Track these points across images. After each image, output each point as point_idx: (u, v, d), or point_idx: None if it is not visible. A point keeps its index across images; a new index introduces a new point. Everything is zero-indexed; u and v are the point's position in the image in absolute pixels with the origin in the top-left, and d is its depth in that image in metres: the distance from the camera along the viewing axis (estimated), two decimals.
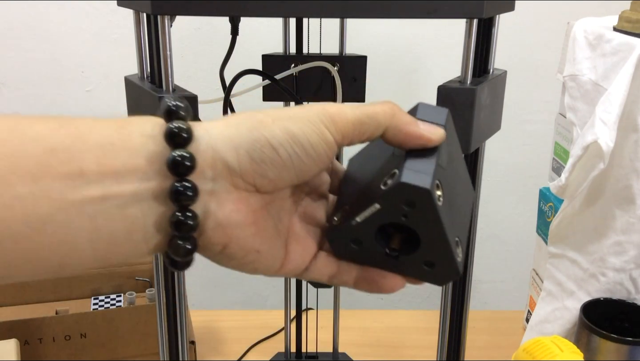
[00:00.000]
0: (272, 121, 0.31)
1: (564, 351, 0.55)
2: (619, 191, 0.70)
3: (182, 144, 0.30)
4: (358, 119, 0.33)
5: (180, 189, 0.29)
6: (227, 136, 0.31)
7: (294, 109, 0.33)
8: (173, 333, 0.61)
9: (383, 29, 1.12)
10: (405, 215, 0.32)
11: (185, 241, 0.31)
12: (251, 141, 0.31)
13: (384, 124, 0.33)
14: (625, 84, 0.65)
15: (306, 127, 0.32)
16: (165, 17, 0.50)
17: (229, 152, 0.31)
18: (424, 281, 0.35)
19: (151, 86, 0.54)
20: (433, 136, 0.33)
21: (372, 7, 0.49)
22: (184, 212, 0.30)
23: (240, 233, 0.32)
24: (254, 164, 0.31)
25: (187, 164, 0.29)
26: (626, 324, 0.72)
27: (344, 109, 0.33)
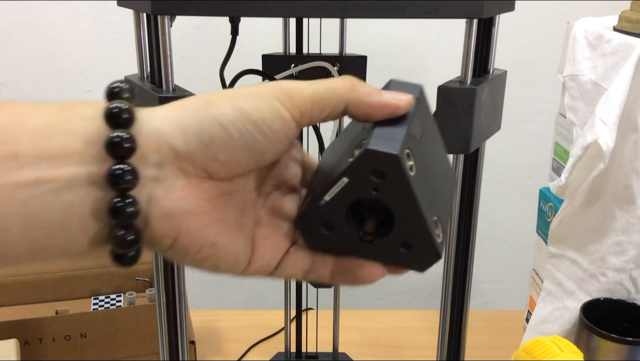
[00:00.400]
0: (221, 100, 0.29)
1: (564, 351, 0.55)
2: (619, 191, 0.70)
3: (122, 125, 0.28)
4: (316, 94, 0.31)
5: (118, 172, 0.27)
6: (174, 118, 0.29)
7: (247, 87, 0.31)
8: (173, 333, 0.61)
9: (383, 29, 1.12)
10: (376, 188, 0.30)
11: (126, 231, 0.28)
12: (199, 121, 0.29)
13: (344, 97, 0.31)
14: (625, 84, 0.65)
15: (259, 103, 0.29)
16: (165, 17, 0.50)
17: (176, 134, 0.28)
18: (404, 267, 0.33)
19: (151, 86, 0.54)
20: (400, 102, 0.31)
21: (372, 7, 0.49)
22: (123, 198, 0.27)
23: (191, 223, 0.29)
24: (203, 146, 0.29)
25: (126, 146, 0.27)
26: (626, 324, 0.72)
27: (300, 85, 0.31)
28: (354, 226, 0.32)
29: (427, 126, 0.34)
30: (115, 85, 0.29)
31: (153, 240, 0.29)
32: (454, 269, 0.61)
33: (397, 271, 0.33)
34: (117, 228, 0.28)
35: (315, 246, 0.33)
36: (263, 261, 0.33)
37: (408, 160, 0.29)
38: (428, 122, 0.34)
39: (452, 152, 0.54)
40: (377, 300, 1.30)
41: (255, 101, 0.29)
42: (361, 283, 0.33)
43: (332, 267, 0.33)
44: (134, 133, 0.28)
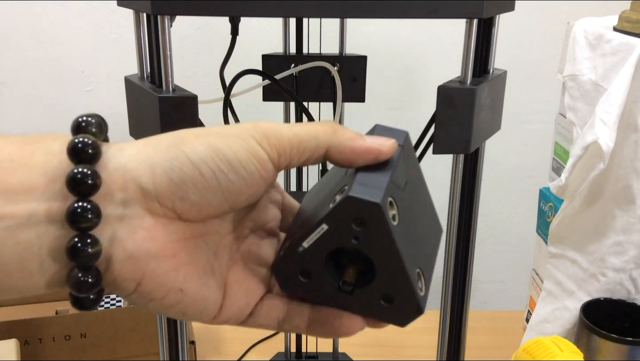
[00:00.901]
0: (194, 137, 0.28)
1: (564, 351, 0.55)
2: (619, 191, 0.70)
3: (86, 160, 0.26)
4: (295, 135, 0.29)
5: (79, 210, 0.25)
6: (143, 155, 0.27)
7: (223, 126, 0.29)
8: (173, 333, 0.61)
9: (383, 29, 1.12)
10: (357, 237, 0.28)
11: (85, 273, 0.26)
12: (169, 159, 0.27)
13: (324, 141, 0.30)
14: (625, 84, 0.65)
15: (233, 142, 0.28)
16: (165, 17, 0.49)
17: (143, 172, 0.27)
18: (385, 321, 0.31)
19: (151, 86, 0.54)
20: (383, 147, 0.30)
21: (372, 7, 0.49)
22: (83, 237, 0.26)
23: (157, 266, 0.27)
24: (173, 185, 0.27)
25: (88, 182, 0.25)
26: (626, 324, 0.72)
27: (279, 126, 0.29)
28: (333, 274, 0.30)
29: (412, 174, 0.33)
30: (82, 118, 0.27)
31: (115, 283, 0.27)
32: (454, 269, 0.61)
33: (377, 325, 0.32)
34: (75, 270, 0.26)
35: (292, 294, 0.32)
36: (235, 308, 0.31)
37: (391, 209, 0.28)
38: (413, 169, 0.33)
39: (452, 152, 0.54)
40: None
41: (230, 139, 0.28)
42: (339, 335, 0.31)
43: (309, 317, 0.32)
44: (98, 169, 0.26)
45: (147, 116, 0.53)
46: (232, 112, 0.67)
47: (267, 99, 0.76)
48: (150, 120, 0.52)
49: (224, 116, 0.63)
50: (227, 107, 0.64)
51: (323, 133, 0.30)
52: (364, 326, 0.31)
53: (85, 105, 1.14)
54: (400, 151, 0.31)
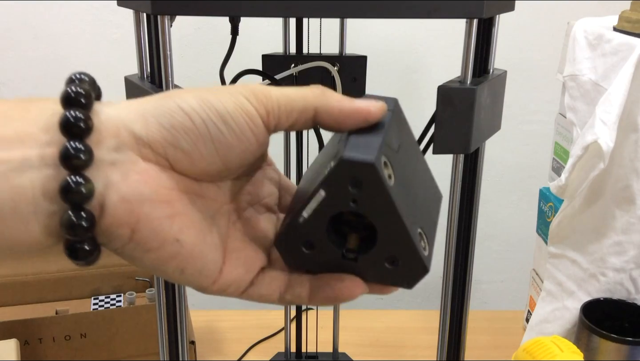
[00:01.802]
0: (185, 92, 0.29)
1: (564, 351, 0.55)
2: (619, 191, 0.70)
3: (79, 107, 0.27)
4: (284, 95, 0.30)
5: (71, 150, 0.26)
6: (134, 105, 0.28)
7: (213, 86, 0.30)
8: (173, 333, 0.61)
9: (383, 29, 1.12)
10: (355, 200, 0.28)
11: (78, 214, 0.26)
12: (160, 106, 0.28)
13: (312, 102, 0.30)
14: (625, 84, 0.65)
15: (223, 96, 0.29)
16: (165, 17, 0.50)
17: (135, 119, 0.28)
18: (391, 284, 0.31)
19: (151, 86, 0.54)
20: (371, 108, 0.30)
21: (372, 7, 0.49)
22: (76, 176, 0.26)
23: (150, 211, 0.27)
24: (164, 130, 0.28)
25: (81, 125, 0.26)
26: (626, 324, 0.72)
27: (268, 87, 0.30)
28: (336, 243, 0.30)
29: (405, 139, 0.32)
30: (75, 74, 0.28)
31: (110, 231, 0.27)
32: (454, 269, 0.61)
33: (383, 291, 0.32)
34: (69, 212, 0.26)
35: (297, 267, 0.32)
36: (235, 274, 0.31)
37: (385, 169, 0.28)
38: (406, 135, 0.33)
39: (452, 152, 0.54)
40: (377, 300, 1.30)
41: (220, 94, 0.29)
42: (341, 299, 0.31)
43: (310, 285, 0.32)
44: (90, 115, 0.27)
45: None
46: None
47: None
48: None
49: None
50: None
51: (312, 95, 0.30)
52: (366, 289, 0.31)
53: None
54: (391, 115, 0.31)
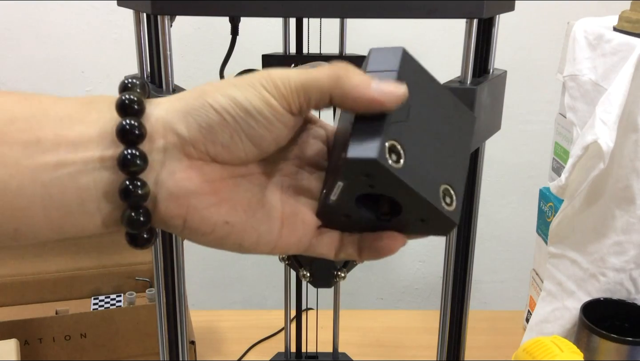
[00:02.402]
0: (215, 89, 0.31)
1: (564, 351, 0.55)
2: (619, 191, 0.70)
3: (132, 114, 0.30)
4: (301, 84, 0.31)
5: (128, 157, 0.29)
6: (177, 107, 0.31)
7: (239, 77, 0.32)
8: (173, 333, 0.61)
9: (383, 29, 1.12)
10: (371, 185, 0.31)
11: (137, 212, 0.30)
12: (197, 108, 0.31)
13: (327, 88, 0.31)
14: (625, 84, 0.65)
15: (248, 92, 0.31)
16: (165, 17, 0.50)
17: (179, 121, 0.31)
18: (426, 235, 0.34)
19: (151, 86, 0.54)
20: (386, 98, 0.30)
21: (372, 7, 0.49)
22: (133, 180, 0.30)
23: (197, 202, 0.31)
24: (203, 130, 0.31)
25: (135, 133, 0.30)
26: (626, 324, 0.72)
27: (288, 74, 0.31)
28: (370, 209, 0.33)
29: (418, 91, 0.32)
30: (128, 80, 0.31)
31: (164, 221, 0.31)
32: (454, 269, 0.61)
33: (420, 236, 0.35)
34: (128, 210, 0.30)
35: (343, 230, 0.35)
36: (294, 237, 0.34)
37: (392, 155, 0.30)
38: (419, 84, 0.33)
39: None
40: (377, 300, 1.30)
41: (245, 90, 0.31)
42: (384, 254, 0.34)
43: (358, 244, 0.35)
44: (143, 121, 0.30)
45: None
46: None
47: None
48: None
49: None
50: None
51: (326, 80, 0.31)
52: (404, 242, 0.34)
53: None
54: (396, 75, 0.32)
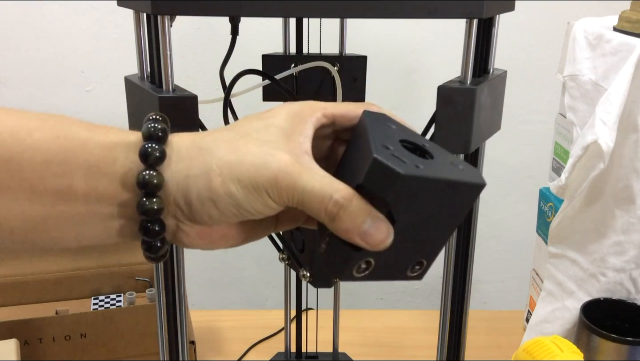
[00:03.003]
0: (221, 180, 0.33)
1: (564, 351, 0.55)
2: (619, 191, 0.70)
3: (151, 191, 0.33)
4: (302, 201, 0.33)
5: (147, 228, 0.34)
6: (184, 172, 0.34)
7: (253, 156, 0.33)
8: (173, 333, 0.61)
9: (383, 29, 1.12)
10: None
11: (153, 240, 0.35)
12: (197, 193, 0.33)
13: (321, 218, 0.33)
14: (625, 84, 0.65)
15: (251, 195, 0.33)
16: (165, 17, 0.50)
17: (185, 189, 0.34)
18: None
19: (151, 86, 0.54)
20: (372, 246, 0.32)
21: (372, 7, 0.49)
22: (152, 242, 0.35)
23: (210, 245, 0.37)
24: (200, 206, 0.34)
25: (155, 208, 0.33)
26: (626, 324, 0.72)
27: (298, 181, 0.32)
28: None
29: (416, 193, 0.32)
30: (146, 149, 0.33)
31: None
32: (454, 269, 0.61)
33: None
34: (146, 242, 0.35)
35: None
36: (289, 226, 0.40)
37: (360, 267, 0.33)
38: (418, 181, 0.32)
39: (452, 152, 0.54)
40: (377, 300, 1.30)
41: (248, 192, 0.33)
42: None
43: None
44: (162, 196, 0.34)
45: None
46: (232, 112, 0.67)
47: (267, 99, 0.76)
48: None
49: (224, 116, 0.63)
50: (227, 107, 0.64)
51: (324, 214, 0.33)
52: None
53: (85, 105, 1.14)
54: (389, 210, 0.33)
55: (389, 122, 0.37)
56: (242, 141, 0.34)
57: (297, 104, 0.36)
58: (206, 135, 0.35)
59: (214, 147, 0.34)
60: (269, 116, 0.36)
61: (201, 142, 0.34)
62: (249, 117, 0.36)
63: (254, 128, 0.35)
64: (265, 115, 0.36)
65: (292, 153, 0.33)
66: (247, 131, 0.34)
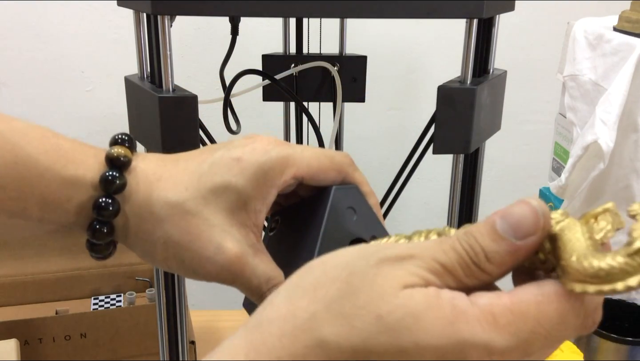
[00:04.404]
0: (165, 256, 0.34)
1: (564, 351, 0.55)
2: (619, 191, 0.70)
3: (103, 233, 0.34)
4: (240, 288, 0.35)
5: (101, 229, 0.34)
6: (131, 237, 0.35)
7: (200, 245, 0.33)
8: (173, 333, 0.61)
9: (383, 29, 1.12)
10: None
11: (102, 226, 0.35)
12: (142, 251, 0.35)
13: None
14: (625, 84, 0.65)
15: (190, 274, 0.34)
16: (165, 17, 0.50)
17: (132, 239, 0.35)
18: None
19: (151, 86, 0.54)
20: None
21: (372, 7, 0.49)
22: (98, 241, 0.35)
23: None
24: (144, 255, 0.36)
25: (106, 229, 0.34)
26: (626, 324, 0.72)
27: (240, 279, 0.34)
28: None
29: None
30: (109, 173, 0.33)
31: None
32: None
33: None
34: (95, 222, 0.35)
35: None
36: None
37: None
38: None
39: (452, 152, 0.54)
40: None
41: (188, 272, 0.34)
42: None
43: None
44: (114, 224, 0.34)
45: (147, 116, 0.53)
46: (232, 112, 0.67)
47: (267, 99, 0.76)
48: (150, 120, 0.52)
49: (224, 116, 0.63)
50: (227, 107, 0.64)
51: (259, 301, 0.34)
52: None
53: (85, 105, 1.14)
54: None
55: (355, 205, 0.35)
56: (194, 219, 0.33)
57: (270, 155, 0.33)
58: (162, 189, 0.34)
59: (165, 219, 0.33)
60: (234, 165, 0.33)
61: (155, 204, 0.33)
62: (217, 155, 0.34)
63: (213, 187, 0.33)
64: (232, 164, 0.33)
65: (240, 241, 0.33)
66: (205, 192, 0.33)
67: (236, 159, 0.33)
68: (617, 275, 0.22)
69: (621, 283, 0.22)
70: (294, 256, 0.34)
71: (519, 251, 0.25)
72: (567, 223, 0.25)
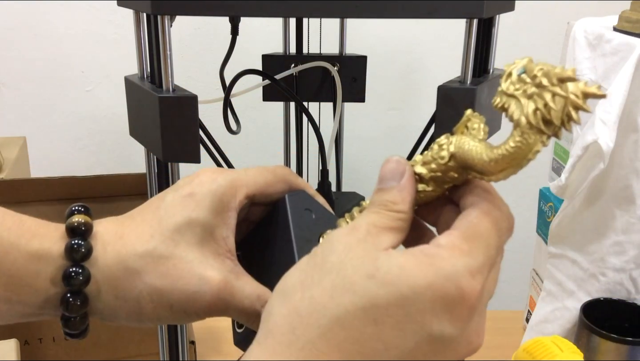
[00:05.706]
0: (153, 307, 0.34)
1: (564, 351, 0.55)
2: (619, 191, 0.70)
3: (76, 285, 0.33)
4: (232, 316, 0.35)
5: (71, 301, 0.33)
6: (111, 303, 0.34)
7: (184, 282, 0.33)
8: (173, 333, 0.61)
9: (383, 29, 1.12)
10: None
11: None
12: (127, 314, 0.34)
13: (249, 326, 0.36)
14: (625, 84, 0.65)
15: (181, 317, 0.34)
16: (165, 17, 0.50)
17: (107, 311, 0.35)
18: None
19: (151, 86, 0.54)
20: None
21: (372, 7, 0.49)
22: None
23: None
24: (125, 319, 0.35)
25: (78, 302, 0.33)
26: (626, 324, 0.72)
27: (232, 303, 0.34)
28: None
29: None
30: (71, 270, 0.33)
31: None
32: None
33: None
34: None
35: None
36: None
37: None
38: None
39: None
40: None
41: (178, 315, 0.34)
42: None
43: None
44: (87, 293, 0.34)
45: (147, 116, 0.53)
46: (232, 112, 0.67)
47: (267, 99, 0.76)
48: (150, 120, 0.52)
49: (224, 116, 0.63)
50: (227, 107, 0.64)
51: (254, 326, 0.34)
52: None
53: (85, 105, 1.14)
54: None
55: (310, 205, 0.37)
56: (170, 261, 0.33)
57: (219, 182, 0.35)
58: (129, 244, 0.34)
59: (141, 270, 0.33)
60: (189, 201, 0.34)
61: (127, 259, 0.33)
62: (168, 198, 0.35)
63: (176, 227, 0.33)
64: (187, 201, 0.34)
65: (220, 269, 0.34)
66: (171, 234, 0.33)
67: (188, 195, 0.34)
68: (523, 151, 0.30)
69: (530, 153, 0.30)
70: (274, 271, 0.34)
71: (406, 187, 0.32)
72: (455, 140, 0.31)
